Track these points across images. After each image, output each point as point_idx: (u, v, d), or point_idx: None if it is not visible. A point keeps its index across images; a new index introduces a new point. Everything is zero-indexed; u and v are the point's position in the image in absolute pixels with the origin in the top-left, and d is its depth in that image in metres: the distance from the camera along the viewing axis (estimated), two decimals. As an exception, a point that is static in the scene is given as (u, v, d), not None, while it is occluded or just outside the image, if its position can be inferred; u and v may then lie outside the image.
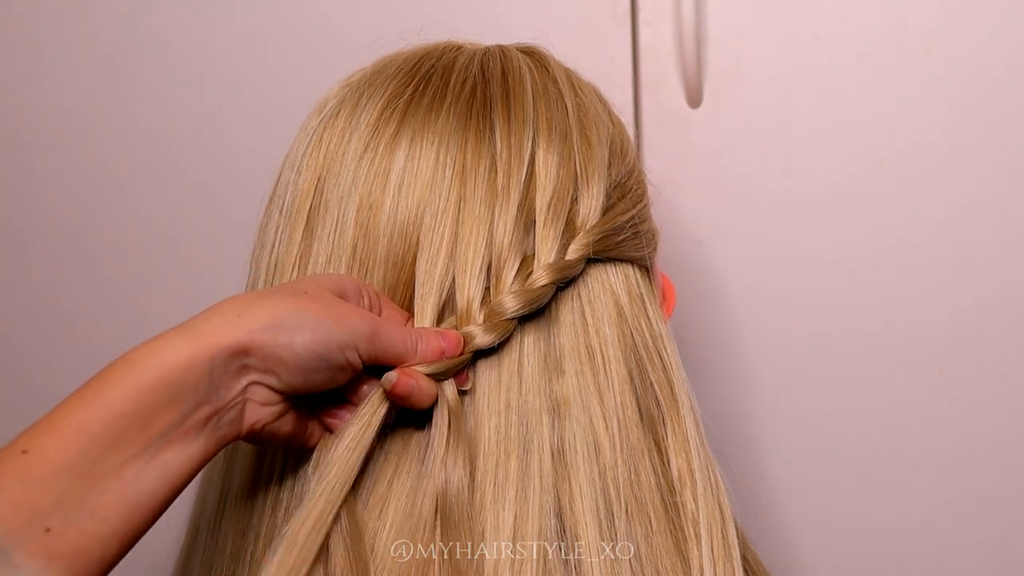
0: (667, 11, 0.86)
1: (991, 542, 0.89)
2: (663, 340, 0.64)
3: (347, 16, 0.91)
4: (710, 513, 0.61)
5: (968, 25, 0.83)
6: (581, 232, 0.62)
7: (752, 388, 0.91)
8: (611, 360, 0.62)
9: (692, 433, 0.63)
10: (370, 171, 0.63)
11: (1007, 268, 0.85)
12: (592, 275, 0.63)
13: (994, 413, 0.87)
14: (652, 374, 0.63)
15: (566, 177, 0.63)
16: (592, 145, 0.64)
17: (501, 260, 0.60)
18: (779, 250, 0.88)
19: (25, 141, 0.97)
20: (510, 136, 0.63)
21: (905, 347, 0.88)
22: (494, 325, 0.59)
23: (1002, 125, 0.84)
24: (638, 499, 0.60)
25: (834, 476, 0.90)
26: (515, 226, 0.61)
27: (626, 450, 0.61)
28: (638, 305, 0.64)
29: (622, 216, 0.64)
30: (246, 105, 0.93)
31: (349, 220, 0.62)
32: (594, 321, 0.62)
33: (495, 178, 0.62)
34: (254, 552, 0.61)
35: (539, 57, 0.69)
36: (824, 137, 0.86)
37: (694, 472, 0.62)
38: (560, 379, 0.61)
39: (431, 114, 0.63)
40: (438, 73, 0.66)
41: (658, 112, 0.88)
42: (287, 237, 0.64)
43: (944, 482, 0.89)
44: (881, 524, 0.90)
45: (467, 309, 0.59)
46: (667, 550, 0.60)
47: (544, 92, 0.66)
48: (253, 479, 0.62)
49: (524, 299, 0.60)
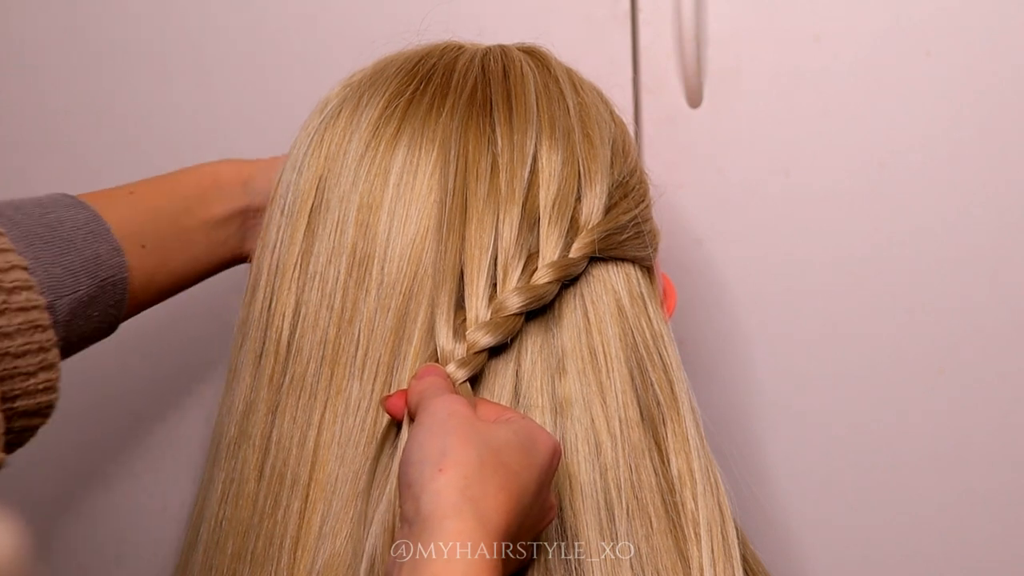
0: (667, 11, 0.86)
1: (991, 543, 0.89)
2: (664, 340, 0.64)
3: (347, 16, 0.91)
4: (710, 513, 0.61)
5: (968, 25, 0.83)
6: (584, 231, 0.62)
7: (751, 388, 0.91)
8: (613, 360, 0.62)
9: (692, 433, 0.63)
10: (370, 170, 0.63)
11: (1007, 268, 0.85)
12: (594, 274, 0.63)
13: (995, 413, 0.87)
14: (653, 374, 0.63)
15: (570, 176, 0.63)
16: (594, 144, 0.64)
17: (508, 258, 0.60)
18: (779, 250, 0.88)
19: (24, 140, 0.97)
20: (512, 135, 0.63)
21: (905, 347, 0.88)
22: (500, 322, 0.59)
23: (1002, 125, 0.84)
24: (639, 499, 0.60)
25: (834, 476, 0.90)
26: (520, 224, 0.61)
27: (627, 450, 0.61)
28: (639, 305, 0.64)
29: (625, 215, 0.64)
30: (246, 105, 0.93)
31: (350, 219, 0.62)
32: (596, 320, 0.62)
33: (498, 176, 0.62)
34: (254, 551, 0.61)
35: (540, 57, 0.69)
36: (824, 137, 0.86)
37: (694, 472, 0.62)
38: (562, 379, 0.61)
39: (432, 113, 0.63)
40: (439, 73, 0.66)
41: (658, 112, 0.88)
42: (288, 237, 0.64)
43: (945, 482, 0.89)
44: (881, 524, 0.90)
45: (475, 307, 0.59)
46: (667, 549, 0.60)
47: (546, 91, 0.66)
48: (256, 478, 0.62)
49: (529, 296, 0.60)
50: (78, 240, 0.63)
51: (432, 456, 0.51)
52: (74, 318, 0.62)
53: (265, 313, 0.64)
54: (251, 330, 0.65)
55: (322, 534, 0.59)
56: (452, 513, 0.49)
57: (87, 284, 0.63)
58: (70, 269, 0.62)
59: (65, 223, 0.63)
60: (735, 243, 0.89)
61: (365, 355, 0.61)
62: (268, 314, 0.64)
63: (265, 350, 0.64)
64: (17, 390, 0.58)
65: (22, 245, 0.60)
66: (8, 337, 0.57)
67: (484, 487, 0.50)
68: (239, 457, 0.63)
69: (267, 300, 0.64)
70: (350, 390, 0.61)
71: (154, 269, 0.68)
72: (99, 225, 0.65)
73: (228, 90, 0.94)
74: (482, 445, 0.51)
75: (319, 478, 0.60)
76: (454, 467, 0.50)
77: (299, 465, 0.61)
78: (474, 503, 0.49)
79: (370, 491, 0.57)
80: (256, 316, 0.65)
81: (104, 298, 0.64)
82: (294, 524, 0.60)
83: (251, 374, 0.64)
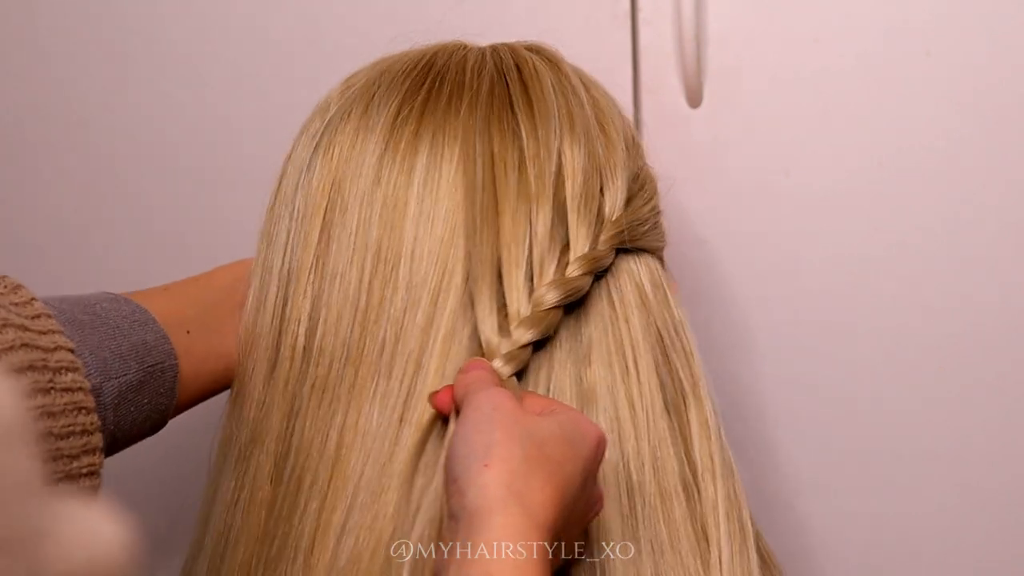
0: (667, 11, 0.86)
1: (992, 543, 0.89)
2: (684, 326, 0.66)
3: (346, 16, 0.91)
4: (727, 497, 0.62)
5: (968, 25, 0.83)
6: (609, 223, 0.63)
7: (751, 388, 0.91)
8: (639, 348, 0.63)
9: (711, 417, 0.64)
10: (392, 170, 0.63)
11: (1007, 268, 0.85)
12: (618, 265, 0.64)
13: (995, 413, 0.87)
14: (676, 360, 0.64)
15: (592, 169, 0.64)
16: (611, 138, 0.66)
17: (543, 251, 0.61)
18: (779, 250, 0.88)
19: (24, 140, 0.97)
20: (536, 130, 0.63)
21: (905, 346, 0.88)
22: (542, 316, 0.59)
23: (1002, 125, 0.84)
24: (660, 485, 0.61)
25: (835, 475, 0.90)
26: (552, 218, 0.61)
27: (651, 437, 0.61)
28: (660, 293, 0.65)
29: (644, 207, 0.66)
30: (246, 105, 0.93)
31: (373, 219, 0.62)
32: (622, 310, 0.63)
33: (526, 171, 0.62)
34: (268, 556, 0.60)
35: (548, 54, 0.70)
36: (824, 137, 0.86)
37: (713, 456, 0.63)
38: (588, 368, 0.61)
39: (451, 111, 0.64)
40: (451, 71, 0.66)
41: (658, 112, 0.88)
42: (302, 241, 0.64)
43: (945, 482, 0.89)
44: (881, 524, 0.90)
45: (515, 301, 0.60)
46: (687, 535, 0.60)
47: (561, 87, 0.66)
48: (270, 484, 0.62)
49: (566, 290, 0.60)
50: (125, 327, 0.61)
51: (478, 451, 0.51)
52: (122, 402, 0.60)
53: (277, 320, 0.64)
54: (260, 338, 0.65)
55: (344, 530, 0.59)
56: (499, 508, 0.49)
57: (135, 369, 0.61)
58: (117, 353, 0.60)
59: (111, 313, 0.62)
60: (735, 243, 0.89)
61: (393, 353, 0.61)
62: (281, 320, 0.64)
63: (280, 356, 0.63)
64: (59, 472, 0.55)
65: (69, 329, 0.58)
66: (52, 417, 0.54)
67: (529, 481, 0.50)
68: (251, 464, 0.63)
69: (279, 306, 0.64)
70: (375, 388, 0.60)
71: (203, 355, 0.66)
72: (144, 315, 0.63)
73: (227, 89, 0.94)
74: (526, 439, 0.52)
75: (339, 477, 0.60)
76: (500, 462, 0.50)
77: (319, 466, 0.60)
78: (520, 497, 0.50)
79: (412, 485, 0.57)
80: (266, 323, 0.64)
81: (153, 384, 0.62)
82: (311, 524, 0.60)
83: (263, 381, 0.64)
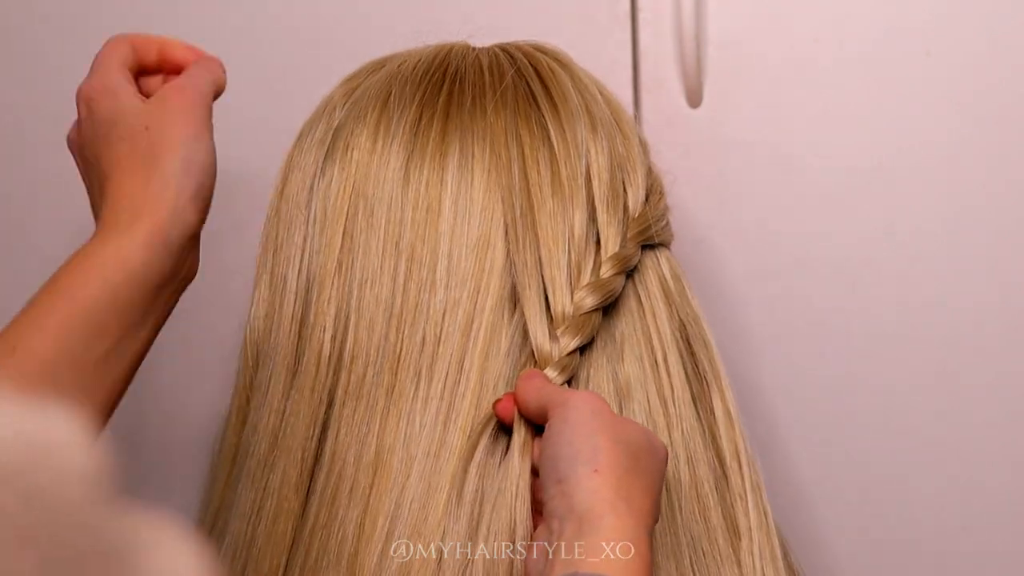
0: (667, 11, 0.86)
1: (992, 542, 0.89)
2: (701, 317, 0.67)
3: (344, 16, 0.90)
4: (753, 485, 0.63)
5: (968, 25, 0.83)
6: (633, 220, 0.64)
7: (751, 387, 0.91)
8: (666, 341, 0.63)
9: (733, 408, 0.65)
10: (421, 172, 0.62)
11: (1007, 268, 0.85)
12: (642, 261, 0.65)
13: (995, 413, 0.87)
14: (699, 351, 0.65)
15: (615, 167, 0.64)
16: (627, 136, 0.66)
17: (580, 253, 0.61)
18: (779, 250, 0.88)
19: (24, 140, 0.97)
20: (564, 130, 0.63)
21: (905, 346, 0.88)
22: (584, 321, 0.60)
23: (1002, 125, 0.84)
24: (694, 476, 0.62)
25: (835, 475, 0.90)
26: (588, 218, 0.62)
27: (684, 429, 0.62)
28: (680, 285, 0.66)
29: (660, 202, 0.67)
30: (245, 105, 0.93)
31: (406, 222, 0.61)
32: (649, 304, 0.64)
33: (559, 171, 0.62)
34: (303, 565, 0.59)
35: (557, 54, 0.70)
36: (824, 137, 0.86)
37: (737, 442, 0.64)
38: (621, 365, 0.62)
39: (476, 112, 0.64)
40: (469, 72, 0.66)
41: (658, 112, 0.88)
42: (323, 246, 0.63)
43: (945, 482, 0.89)
44: (881, 523, 0.90)
45: (559, 303, 0.60)
46: (719, 524, 0.61)
47: (577, 86, 0.67)
48: (297, 493, 0.61)
49: (604, 293, 0.61)
50: None
51: (585, 454, 0.52)
52: None
53: (297, 327, 0.63)
54: (277, 347, 0.63)
55: (391, 536, 0.58)
56: (610, 511, 0.51)
57: None
58: None
59: None
60: (735, 243, 0.89)
61: (434, 354, 0.60)
62: (302, 327, 0.63)
63: (304, 364, 0.62)
64: None
65: None
66: None
67: (632, 488, 0.52)
68: (275, 474, 0.61)
69: (299, 313, 0.63)
70: (415, 391, 0.60)
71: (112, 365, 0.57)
72: None
73: (228, 90, 0.93)
74: (625, 446, 0.53)
75: (382, 482, 0.59)
76: (608, 468, 0.52)
77: (358, 472, 0.59)
78: (628, 502, 0.51)
79: (463, 488, 0.57)
80: (284, 331, 0.63)
81: None
82: (353, 532, 0.59)
83: (283, 390, 0.62)
